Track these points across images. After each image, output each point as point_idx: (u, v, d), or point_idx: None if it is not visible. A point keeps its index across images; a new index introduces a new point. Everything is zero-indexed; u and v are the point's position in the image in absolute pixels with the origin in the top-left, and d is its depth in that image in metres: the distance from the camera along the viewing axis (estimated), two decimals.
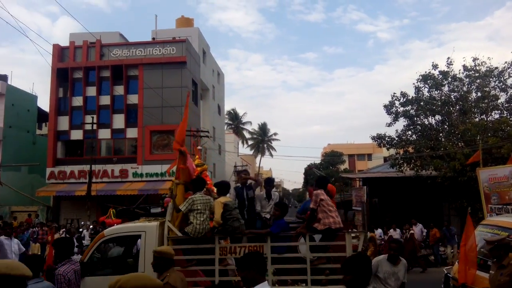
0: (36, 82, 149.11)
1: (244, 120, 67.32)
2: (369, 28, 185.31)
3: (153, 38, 33.89)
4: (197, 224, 6.11)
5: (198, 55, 34.28)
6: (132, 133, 30.16)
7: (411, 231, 16.51)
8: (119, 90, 30.47)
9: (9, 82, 33.03)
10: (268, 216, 7.18)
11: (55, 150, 30.25)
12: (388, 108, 22.13)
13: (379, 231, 18.16)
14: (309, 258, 5.86)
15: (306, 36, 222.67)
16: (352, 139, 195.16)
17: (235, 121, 65.98)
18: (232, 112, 65.57)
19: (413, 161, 21.63)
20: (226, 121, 57.84)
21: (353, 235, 6.21)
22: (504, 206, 9.91)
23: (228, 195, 7.41)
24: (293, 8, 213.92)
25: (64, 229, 18.40)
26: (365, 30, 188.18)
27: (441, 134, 21.78)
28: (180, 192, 6.73)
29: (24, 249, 10.31)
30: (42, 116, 35.23)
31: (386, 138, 22.44)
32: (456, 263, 7.49)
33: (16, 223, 19.11)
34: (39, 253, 15.30)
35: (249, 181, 7.68)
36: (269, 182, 7.72)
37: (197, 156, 8.76)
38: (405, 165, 22.02)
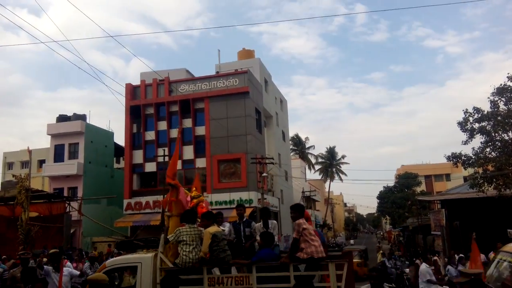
0: (112, 119, 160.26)
1: (307, 144, 66.87)
2: (437, 43, 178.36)
3: (217, 72, 35.18)
4: (184, 255, 6.25)
5: (260, 84, 34.90)
6: (201, 163, 31.09)
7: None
8: (188, 123, 31.79)
9: (88, 121, 35.80)
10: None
11: (131, 182, 31.97)
12: (462, 125, 20.72)
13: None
14: None
15: (371, 57, 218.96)
16: (428, 159, 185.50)
17: (299, 146, 65.67)
18: (296, 137, 65.43)
19: (494, 180, 19.92)
20: (291, 147, 57.75)
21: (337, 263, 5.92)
22: None
23: (224, 227, 7.61)
24: (355, 30, 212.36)
25: None
26: (433, 45, 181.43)
27: None
28: (172, 225, 6.83)
29: (78, 272, 10.77)
30: (118, 151, 37.57)
31: (463, 157, 20.93)
32: None
33: (96, 253, 20.16)
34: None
35: (245, 216, 7.83)
36: (265, 212, 7.76)
37: (193, 188, 8.76)
38: (485, 184, 20.34)
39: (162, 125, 32.38)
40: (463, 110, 20.54)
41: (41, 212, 21.33)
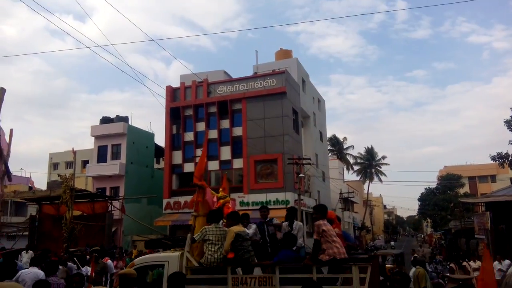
0: (153, 121, 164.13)
1: (345, 145, 65.91)
2: (483, 39, 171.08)
3: (255, 73, 35.37)
4: (209, 254, 6.34)
5: (297, 84, 34.80)
6: (238, 163, 31.39)
7: None
8: (225, 124, 32.17)
9: (130, 123, 36.92)
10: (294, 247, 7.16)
11: (170, 182, 32.70)
12: (510, 123, 19.93)
13: (506, 262, 16.00)
14: None
15: (412, 54, 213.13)
16: (472, 159, 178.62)
17: (337, 146, 64.84)
18: (334, 137, 64.67)
19: None
20: (328, 148, 57.16)
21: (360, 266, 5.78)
22: None
23: (250, 229, 7.62)
24: (396, 28, 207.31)
25: None
26: (478, 41, 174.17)
27: None
28: (199, 224, 6.95)
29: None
30: (158, 152, 38.53)
31: (510, 158, 20.08)
32: None
33: (136, 251, 20.78)
34: None
35: (269, 216, 7.96)
36: (291, 212, 7.94)
37: (221, 189, 8.84)
38: None
39: (201, 126, 32.90)
40: (510, 108, 19.76)
41: (84, 211, 22.20)
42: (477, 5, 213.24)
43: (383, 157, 67.78)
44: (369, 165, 66.62)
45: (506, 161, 20.27)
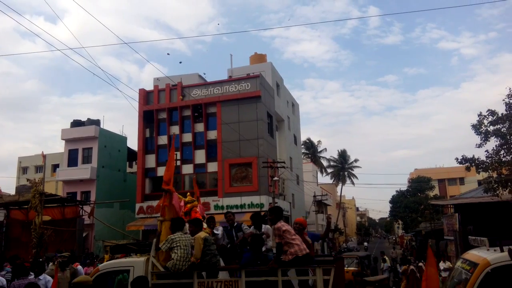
0: (126, 124, 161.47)
1: (319, 148, 66.57)
2: (452, 45, 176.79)
3: (230, 76, 35.35)
4: (177, 259, 6.32)
5: (272, 88, 34.98)
6: (212, 167, 31.28)
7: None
8: (200, 127, 32.02)
9: (101, 126, 36.22)
10: (263, 249, 7.12)
11: (143, 186, 32.23)
12: (477, 128, 20.43)
13: (447, 264, 16.40)
14: None
15: (384, 59, 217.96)
16: (442, 162, 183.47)
17: (311, 150, 65.41)
18: (308, 141, 65.24)
19: (510, 184, 19.60)
20: (302, 151, 57.61)
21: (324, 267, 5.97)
22: None
23: (217, 231, 7.71)
24: (368, 33, 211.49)
25: None
26: (447, 47, 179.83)
27: None
28: (165, 229, 6.90)
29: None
30: (131, 155, 37.95)
31: (476, 161, 20.64)
32: None
33: (107, 257, 20.34)
34: None
35: (236, 222, 7.97)
36: (256, 217, 7.73)
37: (188, 193, 8.87)
38: (500, 188, 20.03)
39: (175, 130, 32.61)
40: (477, 113, 20.33)
41: (54, 216, 21.57)
42: (447, 12, 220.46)
43: (356, 160, 68.89)
44: (342, 168, 67.48)
45: (472, 164, 20.76)
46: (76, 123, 36.03)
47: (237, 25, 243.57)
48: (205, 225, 7.70)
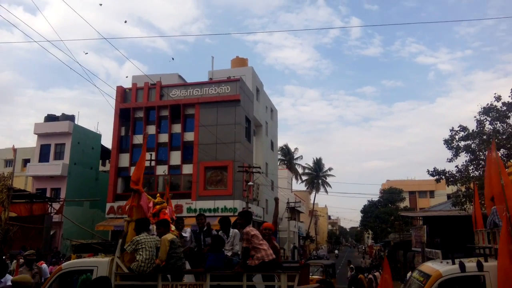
0: (102, 122, 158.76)
1: (296, 155, 67.02)
2: (429, 60, 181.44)
3: (210, 78, 35.25)
4: (142, 261, 6.28)
5: (251, 93, 35.04)
6: (187, 169, 31.01)
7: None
8: (177, 128, 31.73)
9: (76, 122, 35.44)
10: (229, 254, 7.17)
11: (115, 186, 31.66)
12: (448, 142, 21.07)
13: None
14: None
15: (363, 71, 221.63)
16: (414, 175, 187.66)
17: (287, 156, 65.78)
18: (285, 147, 65.61)
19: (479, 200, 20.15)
20: (279, 157, 57.86)
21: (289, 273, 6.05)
22: None
23: (185, 233, 7.67)
24: (349, 44, 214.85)
25: None
26: (425, 62, 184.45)
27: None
28: (131, 230, 6.83)
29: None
30: (105, 154, 37.23)
31: (446, 174, 21.21)
32: None
33: (74, 256, 19.86)
34: None
35: (206, 226, 7.90)
36: (224, 222, 7.65)
37: (158, 194, 8.84)
38: (468, 203, 20.62)
39: (151, 129, 32.21)
40: (449, 129, 20.93)
41: (20, 212, 20.92)
42: (426, 28, 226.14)
43: (330, 169, 69.59)
44: (316, 176, 68.05)
45: (442, 177, 21.33)
46: (50, 118, 35.14)
47: (221, 28, 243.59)
48: (173, 227, 7.61)
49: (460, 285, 5.21)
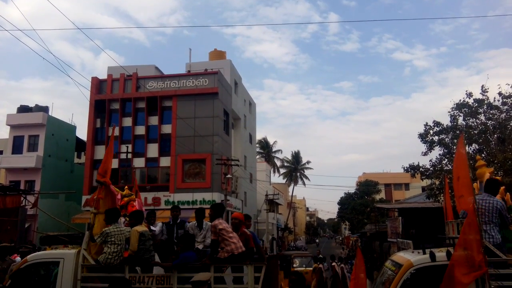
0: (77, 113, 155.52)
1: (274, 148, 67.28)
2: (405, 56, 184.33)
3: (188, 71, 34.91)
4: (109, 254, 6.34)
5: (230, 86, 34.92)
6: (165, 162, 30.78)
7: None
8: (154, 120, 31.38)
9: (50, 113, 34.63)
10: (201, 246, 7.28)
11: (91, 178, 31.14)
12: (423, 136, 21.53)
13: None
14: None
15: (341, 66, 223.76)
16: (389, 168, 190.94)
17: (266, 149, 65.99)
18: (263, 140, 65.75)
19: (450, 191, 20.74)
20: (257, 150, 57.98)
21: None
22: None
23: (156, 227, 7.73)
24: (327, 39, 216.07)
25: None
26: (401, 58, 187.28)
27: None
28: (99, 222, 6.88)
29: None
30: (80, 146, 36.55)
31: (421, 168, 21.71)
32: None
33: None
34: None
35: (181, 219, 7.96)
36: (200, 213, 7.71)
37: (126, 187, 8.88)
38: (441, 195, 21.18)
39: (127, 122, 31.79)
40: (423, 124, 21.39)
41: None
42: (402, 24, 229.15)
43: (308, 162, 70.17)
44: (295, 169, 68.52)
45: (417, 171, 21.83)
46: (23, 109, 34.21)
47: (199, 20, 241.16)
48: None
49: (430, 274, 5.37)
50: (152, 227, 7.85)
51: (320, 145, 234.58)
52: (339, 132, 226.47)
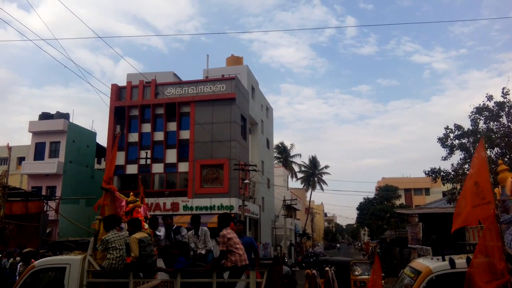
0: (97, 120, 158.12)
1: (292, 153, 67.03)
2: (425, 59, 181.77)
3: (206, 77, 35.20)
4: (113, 259, 6.41)
5: (247, 91, 35.05)
6: (183, 167, 31.02)
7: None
8: (172, 126, 31.71)
9: (71, 120, 35.34)
10: (203, 252, 7.51)
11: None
12: (443, 141, 21.16)
13: None
14: None
15: (358, 69, 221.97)
16: (409, 172, 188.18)
17: (283, 154, 65.78)
18: (281, 145, 65.57)
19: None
20: (275, 155, 57.88)
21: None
22: None
23: (160, 232, 7.92)
24: (345, 43, 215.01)
25: None
26: (420, 61, 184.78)
27: None
28: (103, 228, 6.91)
29: None
30: (100, 152, 37.15)
31: (442, 173, 21.33)
32: None
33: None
34: None
35: (174, 225, 8.26)
36: (195, 220, 7.91)
37: (131, 193, 8.91)
38: None
39: (146, 128, 32.20)
40: (444, 127, 21.03)
41: (16, 211, 20.87)
42: (421, 27, 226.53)
43: (326, 167, 69.68)
44: (312, 173, 68.11)
45: (438, 176, 21.45)
46: (45, 116, 35.03)
47: (216, 26, 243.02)
48: (146, 226, 7.74)
49: (450, 281, 5.27)
50: (157, 232, 8.03)
51: (338, 149, 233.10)
52: (357, 136, 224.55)
